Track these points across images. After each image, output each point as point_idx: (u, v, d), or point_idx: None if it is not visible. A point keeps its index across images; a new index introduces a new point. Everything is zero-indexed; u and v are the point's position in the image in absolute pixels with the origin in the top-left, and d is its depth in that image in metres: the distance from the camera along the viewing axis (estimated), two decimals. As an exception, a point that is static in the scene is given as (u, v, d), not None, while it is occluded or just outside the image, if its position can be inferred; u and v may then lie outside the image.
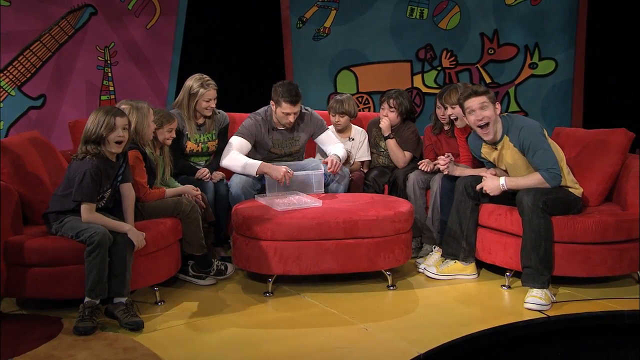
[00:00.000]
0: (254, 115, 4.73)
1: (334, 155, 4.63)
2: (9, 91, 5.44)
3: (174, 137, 4.34)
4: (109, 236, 3.52)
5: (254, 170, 4.49)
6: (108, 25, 5.74)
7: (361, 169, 5.09)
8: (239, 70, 6.19)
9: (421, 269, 4.41)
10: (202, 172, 4.55)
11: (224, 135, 4.80)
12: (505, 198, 4.11)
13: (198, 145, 4.68)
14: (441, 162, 4.41)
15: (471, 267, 4.29)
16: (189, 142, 4.64)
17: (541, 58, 6.68)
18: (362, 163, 5.13)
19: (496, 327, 3.54)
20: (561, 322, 3.69)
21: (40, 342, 3.33)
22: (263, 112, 4.73)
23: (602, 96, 6.53)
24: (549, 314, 3.73)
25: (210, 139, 4.74)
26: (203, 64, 5.45)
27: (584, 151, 4.43)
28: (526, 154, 4.02)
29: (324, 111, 5.12)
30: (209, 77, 4.64)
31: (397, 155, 4.97)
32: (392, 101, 4.96)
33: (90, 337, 3.40)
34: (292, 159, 4.83)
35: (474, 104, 4.06)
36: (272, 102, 4.64)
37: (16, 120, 5.48)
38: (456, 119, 4.52)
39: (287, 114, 4.58)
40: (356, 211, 4.09)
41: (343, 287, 4.12)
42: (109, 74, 5.82)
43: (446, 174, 4.44)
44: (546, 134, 4.09)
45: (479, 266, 4.35)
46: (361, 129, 5.18)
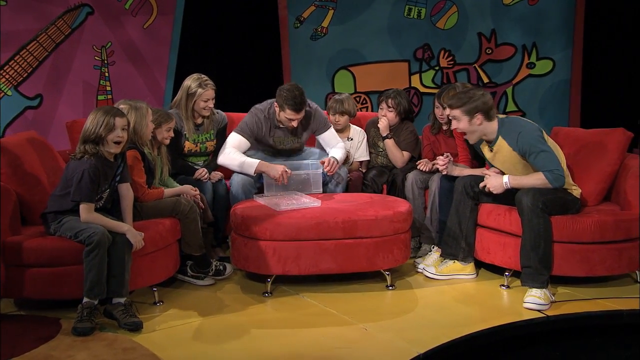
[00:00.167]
0: (255, 111, 4.66)
1: (332, 156, 4.62)
2: (5, 91, 5.42)
3: (172, 136, 4.32)
4: (107, 236, 3.51)
5: (252, 169, 4.47)
6: (105, 24, 5.73)
7: (360, 169, 5.07)
8: (237, 70, 6.16)
9: (420, 269, 4.41)
10: (200, 172, 4.53)
11: (222, 135, 4.78)
12: (504, 198, 4.10)
13: (196, 145, 4.67)
14: (440, 162, 4.41)
15: (470, 267, 4.29)
16: (187, 142, 4.63)
17: (539, 58, 6.68)
18: (361, 163, 5.12)
19: (495, 327, 3.54)
20: (560, 321, 3.69)
21: (38, 343, 3.32)
22: (266, 109, 4.65)
23: (600, 96, 6.53)
24: (548, 313, 3.73)
25: (208, 139, 4.72)
26: (200, 64, 5.42)
27: (583, 151, 4.42)
28: (527, 158, 4.00)
29: (322, 111, 5.09)
30: (207, 77, 4.62)
31: (395, 155, 4.97)
32: (390, 101, 4.95)
33: (89, 337, 3.40)
34: (293, 153, 4.80)
35: (449, 113, 4.16)
36: (276, 104, 4.57)
37: (13, 120, 5.47)
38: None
39: (291, 119, 4.55)
40: (355, 211, 4.08)
41: (342, 287, 4.12)
42: (106, 74, 5.81)
43: (445, 174, 4.44)
44: (546, 135, 4.08)
45: (478, 266, 4.35)
46: (360, 128, 5.16)
